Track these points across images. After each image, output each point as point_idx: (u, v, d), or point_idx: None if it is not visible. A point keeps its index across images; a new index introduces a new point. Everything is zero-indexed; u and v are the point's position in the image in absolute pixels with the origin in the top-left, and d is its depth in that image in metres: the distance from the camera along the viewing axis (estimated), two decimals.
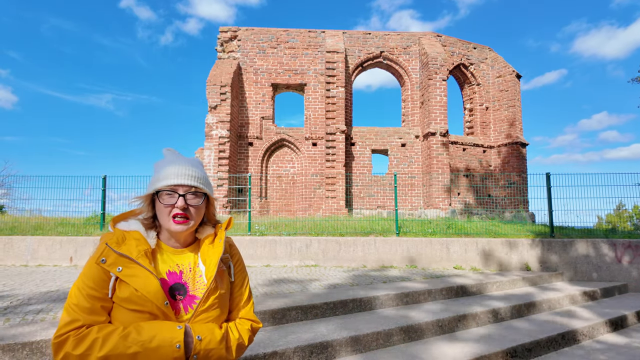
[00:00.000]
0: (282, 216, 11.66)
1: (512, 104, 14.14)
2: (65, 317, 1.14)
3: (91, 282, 1.15)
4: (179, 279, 1.24)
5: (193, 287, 1.24)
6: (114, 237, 1.21)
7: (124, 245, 1.20)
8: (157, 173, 1.27)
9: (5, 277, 5.62)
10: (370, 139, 13.56)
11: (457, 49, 14.44)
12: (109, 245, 1.18)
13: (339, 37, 13.65)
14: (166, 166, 1.26)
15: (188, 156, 1.35)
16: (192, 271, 1.27)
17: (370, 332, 3.57)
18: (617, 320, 4.81)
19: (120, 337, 1.10)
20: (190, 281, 1.25)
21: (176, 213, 1.22)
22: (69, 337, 1.10)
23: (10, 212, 10.25)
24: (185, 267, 1.27)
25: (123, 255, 1.17)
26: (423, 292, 4.87)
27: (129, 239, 1.22)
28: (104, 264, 1.16)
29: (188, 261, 1.28)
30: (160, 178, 1.24)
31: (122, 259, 1.17)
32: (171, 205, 1.22)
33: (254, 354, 3.02)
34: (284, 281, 5.33)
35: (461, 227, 7.96)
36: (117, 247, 1.18)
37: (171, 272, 1.24)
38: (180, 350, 1.10)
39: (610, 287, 6.24)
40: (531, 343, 3.81)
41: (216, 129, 11.94)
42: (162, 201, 1.23)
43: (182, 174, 1.24)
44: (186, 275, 1.25)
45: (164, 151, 1.37)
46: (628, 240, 6.91)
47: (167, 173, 1.24)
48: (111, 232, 1.26)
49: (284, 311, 3.85)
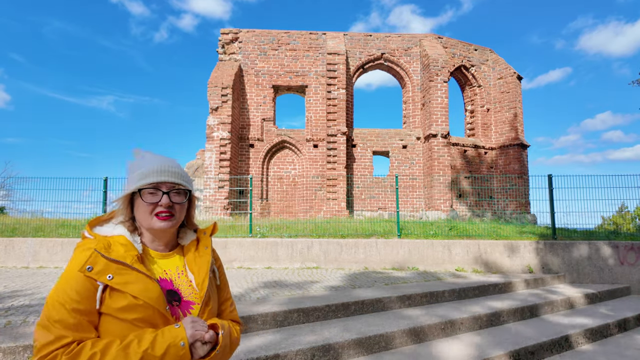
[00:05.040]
0: (283, 218, 11.66)
1: (513, 106, 14.13)
2: (45, 335, 1.01)
3: (75, 294, 1.03)
4: (171, 286, 1.18)
5: (186, 293, 1.20)
6: (99, 243, 1.12)
7: (112, 250, 1.11)
8: (134, 172, 1.19)
9: (7, 278, 5.61)
10: (371, 140, 13.55)
11: (458, 50, 14.45)
12: (98, 250, 1.08)
13: (339, 39, 13.66)
14: (146, 164, 1.19)
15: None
16: (181, 277, 1.22)
17: (373, 334, 3.56)
18: (620, 323, 4.79)
19: (120, 349, 1.01)
20: (181, 287, 1.20)
21: (160, 211, 1.17)
22: (57, 356, 0.99)
23: (11, 213, 10.26)
24: (173, 273, 1.22)
25: (116, 262, 1.09)
26: (425, 294, 4.85)
27: (115, 244, 1.14)
28: (91, 272, 1.05)
29: (175, 266, 1.23)
30: (141, 176, 1.17)
31: (112, 266, 1.08)
32: (154, 204, 1.17)
33: (255, 356, 3.00)
34: (285, 283, 5.32)
35: (463, 229, 7.95)
36: (106, 252, 1.09)
37: (162, 279, 1.18)
38: (185, 347, 1.05)
39: (613, 289, 6.21)
40: (534, 346, 3.79)
41: (217, 130, 11.95)
42: (145, 199, 1.16)
43: (165, 171, 1.18)
44: (177, 282, 1.20)
45: (136, 151, 1.27)
46: (631, 242, 6.88)
47: (149, 170, 1.17)
48: (90, 239, 1.16)
49: (286, 314, 3.84)
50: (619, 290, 6.32)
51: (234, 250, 6.97)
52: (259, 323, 3.69)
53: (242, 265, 6.90)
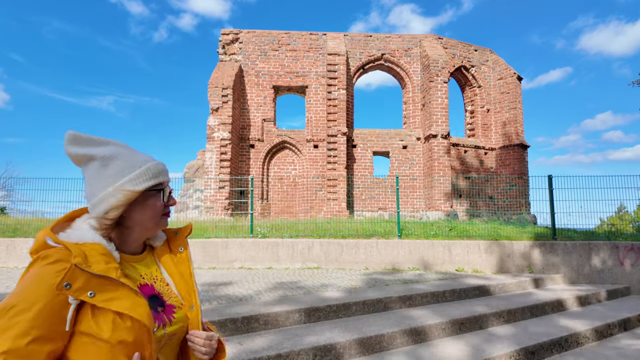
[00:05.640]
0: (283, 218, 11.66)
1: (513, 106, 14.16)
2: None
3: (42, 319, 0.85)
4: (152, 291, 1.09)
5: (167, 296, 1.12)
6: (77, 255, 0.92)
7: (91, 263, 0.94)
8: (130, 168, 1.05)
9: (9, 278, 5.63)
10: (371, 141, 13.58)
11: (458, 51, 14.47)
12: (78, 265, 0.90)
13: (340, 39, 13.68)
14: (149, 159, 1.11)
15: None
16: (159, 281, 1.14)
17: (374, 334, 3.58)
18: (620, 323, 4.81)
19: None
20: (162, 290, 1.12)
21: (168, 211, 1.15)
22: None
23: (11, 214, 10.28)
24: (150, 276, 1.12)
25: (99, 277, 0.93)
26: (426, 294, 4.87)
27: (92, 254, 0.96)
28: (69, 290, 0.88)
29: (150, 270, 1.14)
30: (148, 175, 1.06)
31: (95, 281, 0.92)
32: (163, 204, 1.12)
33: (258, 356, 3.02)
34: (290, 284, 5.33)
35: (463, 229, 7.96)
36: (87, 267, 0.92)
37: (142, 285, 1.07)
38: None
39: (612, 289, 6.23)
40: (534, 346, 3.81)
41: (218, 131, 11.97)
42: (158, 199, 1.10)
43: (166, 170, 1.14)
44: (156, 286, 1.12)
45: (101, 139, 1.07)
46: (631, 242, 6.90)
47: (157, 170, 1.09)
48: (58, 248, 0.94)
49: (287, 314, 3.86)
50: (619, 291, 6.34)
51: (235, 250, 6.99)
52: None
53: (243, 265, 6.92)
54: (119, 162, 1.05)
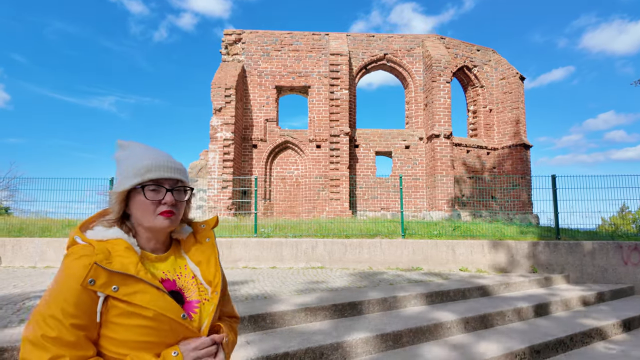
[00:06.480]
0: (286, 218, 11.69)
1: (515, 106, 14.15)
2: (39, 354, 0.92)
3: (73, 308, 0.95)
4: (173, 286, 1.12)
5: (188, 292, 1.14)
6: (99, 252, 1.01)
7: (113, 259, 1.01)
8: (129, 165, 1.11)
9: (15, 278, 5.67)
10: (374, 141, 13.59)
11: (460, 51, 14.48)
12: (99, 263, 0.98)
13: (342, 39, 13.70)
14: (144, 157, 1.12)
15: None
16: (184, 274, 1.17)
17: (374, 335, 3.60)
18: (625, 322, 4.81)
19: None
20: (185, 286, 1.15)
21: (165, 210, 1.10)
22: None
23: (15, 214, 10.33)
24: (173, 273, 1.16)
25: (120, 274, 1.00)
26: (429, 294, 4.89)
27: (115, 250, 1.04)
28: (94, 286, 0.97)
29: (174, 266, 1.17)
30: (141, 170, 1.09)
31: (117, 277, 0.99)
32: (157, 202, 1.10)
33: (264, 355, 3.05)
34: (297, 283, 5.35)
35: (466, 229, 7.98)
36: (108, 264, 0.99)
37: (164, 280, 1.11)
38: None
39: (617, 289, 6.23)
40: (539, 345, 3.82)
41: (221, 131, 12.00)
42: (148, 197, 1.09)
43: (167, 167, 1.12)
44: (180, 281, 1.15)
45: (120, 142, 1.18)
46: (635, 242, 6.90)
47: (151, 165, 1.10)
48: (84, 245, 1.04)
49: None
50: (623, 290, 6.34)
51: (239, 250, 7.01)
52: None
53: (247, 265, 6.94)
54: (121, 163, 1.14)
